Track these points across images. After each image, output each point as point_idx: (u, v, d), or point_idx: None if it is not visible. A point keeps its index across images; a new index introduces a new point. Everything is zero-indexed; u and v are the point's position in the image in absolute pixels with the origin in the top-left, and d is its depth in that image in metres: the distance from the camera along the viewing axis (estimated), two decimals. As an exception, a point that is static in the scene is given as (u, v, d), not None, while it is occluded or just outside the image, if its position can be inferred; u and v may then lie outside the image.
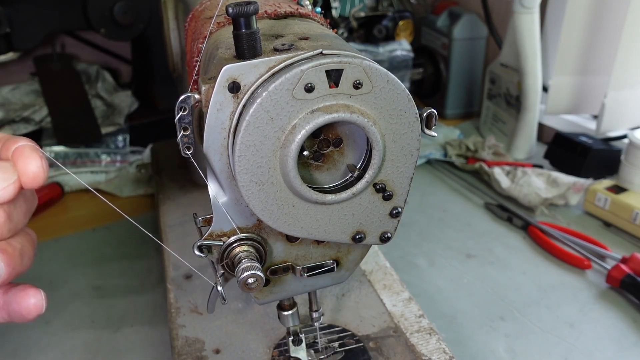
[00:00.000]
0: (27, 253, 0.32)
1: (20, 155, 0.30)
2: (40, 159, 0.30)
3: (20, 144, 0.30)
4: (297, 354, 0.50)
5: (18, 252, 0.31)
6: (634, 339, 0.64)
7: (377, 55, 1.16)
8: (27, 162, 0.29)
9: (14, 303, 0.32)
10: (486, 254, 0.80)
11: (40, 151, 0.30)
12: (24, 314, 0.32)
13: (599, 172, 0.96)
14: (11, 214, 0.30)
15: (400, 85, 0.35)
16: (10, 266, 0.30)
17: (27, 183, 0.30)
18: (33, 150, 0.30)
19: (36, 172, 0.30)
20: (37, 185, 0.30)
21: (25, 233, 0.33)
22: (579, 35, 1.03)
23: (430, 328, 0.56)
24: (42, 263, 0.81)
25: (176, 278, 0.64)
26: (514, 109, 1.08)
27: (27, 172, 0.29)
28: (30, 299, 0.32)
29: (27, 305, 0.32)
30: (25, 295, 0.32)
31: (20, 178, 0.30)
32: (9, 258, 0.30)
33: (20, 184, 0.30)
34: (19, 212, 0.31)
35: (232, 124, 0.34)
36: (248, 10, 0.32)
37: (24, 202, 0.32)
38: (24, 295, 0.32)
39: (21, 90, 1.15)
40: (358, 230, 0.39)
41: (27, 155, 0.30)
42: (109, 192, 0.98)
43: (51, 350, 0.64)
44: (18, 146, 0.30)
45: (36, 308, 0.33)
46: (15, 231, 0.31)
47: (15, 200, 0.30)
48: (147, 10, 1.05)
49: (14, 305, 0.32)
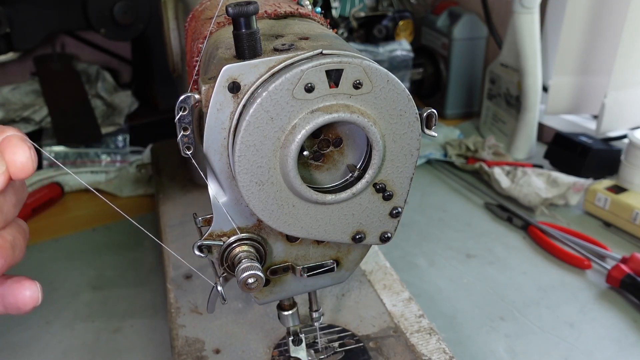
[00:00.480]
0: (18, 245, 0.31)
1: (8, 145, 0.29)
2: (29, 149, 0.29)
3: (8, 134, 0.29)
4: (297, 354, 0.50)
5: (9, 243, 0.30)
6: (634, 339, 0.64)
7: (377, 55, 1.16)
8: (15, 152, 0.28)
9: (9, 295, 0.32)
10: (486, 254, 0.80)
11: (28, 141, 0.29)
12: (19, 305, 0.32)
13: (599, 172, 0.96)
14: (1, 206, 0.30)
15: (400, 85, 0.35)
16: (3, 258, 0.30)
17: (16, 174, 0.29)
18: (21, 141, 0.29)
19: (24, 162, 0.29)
20: (26, 176, 0.29)
21: (16, 224, 0.32)
22: (579, 35, 1.03)
23: (430, 328, 0.56)
24: (42, 263, 0.81)
25: (176, 278, 0.64)
26: (514, 109, 1.08)
27: (15, 163, 0.29)
28: (26, 290, 0.32)
29: (22, 297, 0.32)
30: (20, 287, 0.32)
31: (9, 169, 0.29)
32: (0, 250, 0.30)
33: (9, 174, 0.29)
34: (9, 204, 0.31)
35: (232, 124, 0.34)
36: (248, 10, 0.32)
37: (13, 194, 0.31)
38: (20, 287, 0.32)
39: (21, 90, 1.15)
40: (358, 230, 0.39)
41: (14, 145, 0.29)
42: (109, 192, 0.98)
43: (51, 349, 0.64)
44: (5, 136, 0.29)
45: (32, 300, 0.32)
46: (5, 222, 0.31)
47: (5, 191, 0.30)
48: (147, 10, 1.05)
49: (9, 297, 0.32)
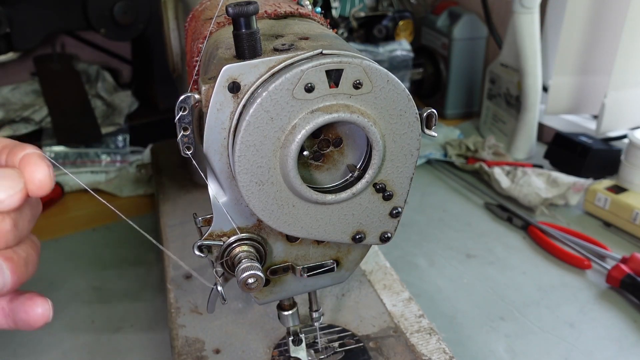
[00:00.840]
0: (31, 261, 0.32)
1: (28, 163, 0.30)
2: (48, 168, 0.30)
3: (27, 152, 0.30)
4: (297, 354, 0.50)
5: (23, 260, 0.31)
6: (634, 339, 0.64)
7: (377, 55, 1.16)
8: (34, 170, 0.29)
9: (21, 312, 0.32)
10: (486, 254, 0.80)
11: (47, 159, 0.30)
12: (31, 322, 0.32)
13: (599, 172, 0.96)
14: (17, 222, 0.30)
15: (400, 85, 0.35)
16: (16, 274, 0.30)
17: (34, 191, 0.30)
18: (40, 159, 0.30)
19: (43, 180, 0.29)
20: (43, 193, 0.30)
21: (30, 240, 0.33)
22: (579, 35, 1.03)
23: (430, 328, 0.56)
24: (42, 263, 0.80)
25: (176, 278, 0.64)
26: (514, 109, 1.08)
27: (34, 181, 0.29)
28: (38, 308, 0.32)
29: (34, 314, 0.32)
30: (32, 304, 0.32)
31: (27, 186, 0.29)
32: (14, 266, 0.30)
33: (27, 192, 0.30)
34: (24, 220, 0.31)
35: (232, 124, 0.34)
36: (248, 10, 0.32)
37: (29, 210, 0.32)
38: (31, 305, 0.32)
39: (21, 90, 1.15)
40: (358, 230, 0.39)
41: (34, 163, 0.29)
42: (109, 192, 0.98)
43: (51, 350, 0.64)
44: (25, 154, 0.30)
45: (43, 317, 0.33)
46: (20, 239, 0.31)
47: (22, 208, 0.30)
48: (147, 10, 1.05)
49: (21, 314, 0.32)
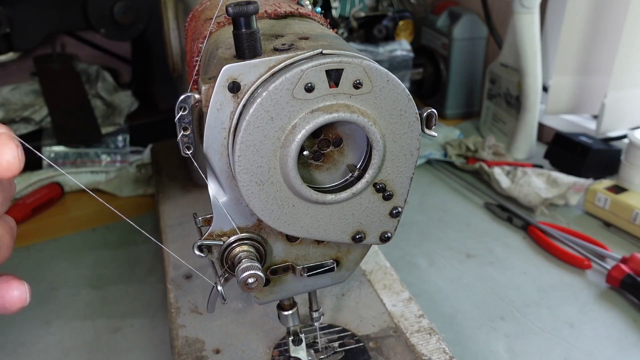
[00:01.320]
0: (5, 243, 0.30)
1: None
2: (17, 148, 0.27)
3: None
4: (297, 354, 0.50)
5: None
6: (634, 339, 0.64)
7: (377, 55, 1.16)
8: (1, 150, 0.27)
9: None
10: (486, 254, 0.80)
11: (16, 139, 0.28)
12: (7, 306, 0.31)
13: (599, 172, 0.96)
14: None
15: (400, 85, 0.35)
16: None
17: (1, 173, 0.27)
18: (8, 139, 0.27)
19: (11, 161, 0.27)
20: (11, 175, 0.28)
21: (3, 222, 0.31)
22: (579, 35, 1.03)
23: (430, 328, 0.56)
24: (42, 263, 0.81)
25: (176, 278, 0.64)
26: (514, 109, 1.08)
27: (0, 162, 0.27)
28: (14, 291, 0.31)
29: (10, 297, 0.31)
30: (8, 287, 0.31)
31: None
32: None
33: None
34: None
35: (232, 124, 0.34)
36: (248, 10, 0.32)
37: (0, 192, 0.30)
38: (7, 287, 0.31)
39: (21, 90, 1.15)
40: (358, 230, 0.39)
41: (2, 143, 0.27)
42: (109, 192, 0.98)
43: (51, 349, 0.64)
44: None
45: (20, 300, 0.31)
46: None
47: None
48: (147, 10, 1.05)
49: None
